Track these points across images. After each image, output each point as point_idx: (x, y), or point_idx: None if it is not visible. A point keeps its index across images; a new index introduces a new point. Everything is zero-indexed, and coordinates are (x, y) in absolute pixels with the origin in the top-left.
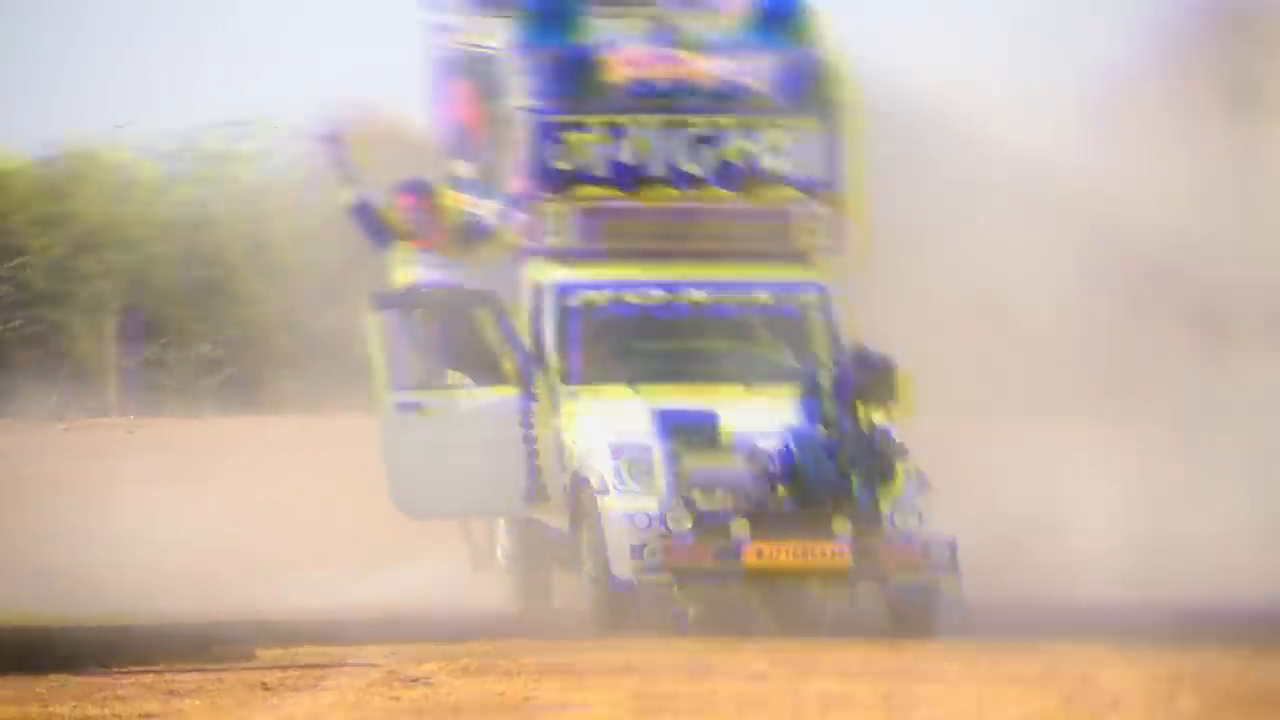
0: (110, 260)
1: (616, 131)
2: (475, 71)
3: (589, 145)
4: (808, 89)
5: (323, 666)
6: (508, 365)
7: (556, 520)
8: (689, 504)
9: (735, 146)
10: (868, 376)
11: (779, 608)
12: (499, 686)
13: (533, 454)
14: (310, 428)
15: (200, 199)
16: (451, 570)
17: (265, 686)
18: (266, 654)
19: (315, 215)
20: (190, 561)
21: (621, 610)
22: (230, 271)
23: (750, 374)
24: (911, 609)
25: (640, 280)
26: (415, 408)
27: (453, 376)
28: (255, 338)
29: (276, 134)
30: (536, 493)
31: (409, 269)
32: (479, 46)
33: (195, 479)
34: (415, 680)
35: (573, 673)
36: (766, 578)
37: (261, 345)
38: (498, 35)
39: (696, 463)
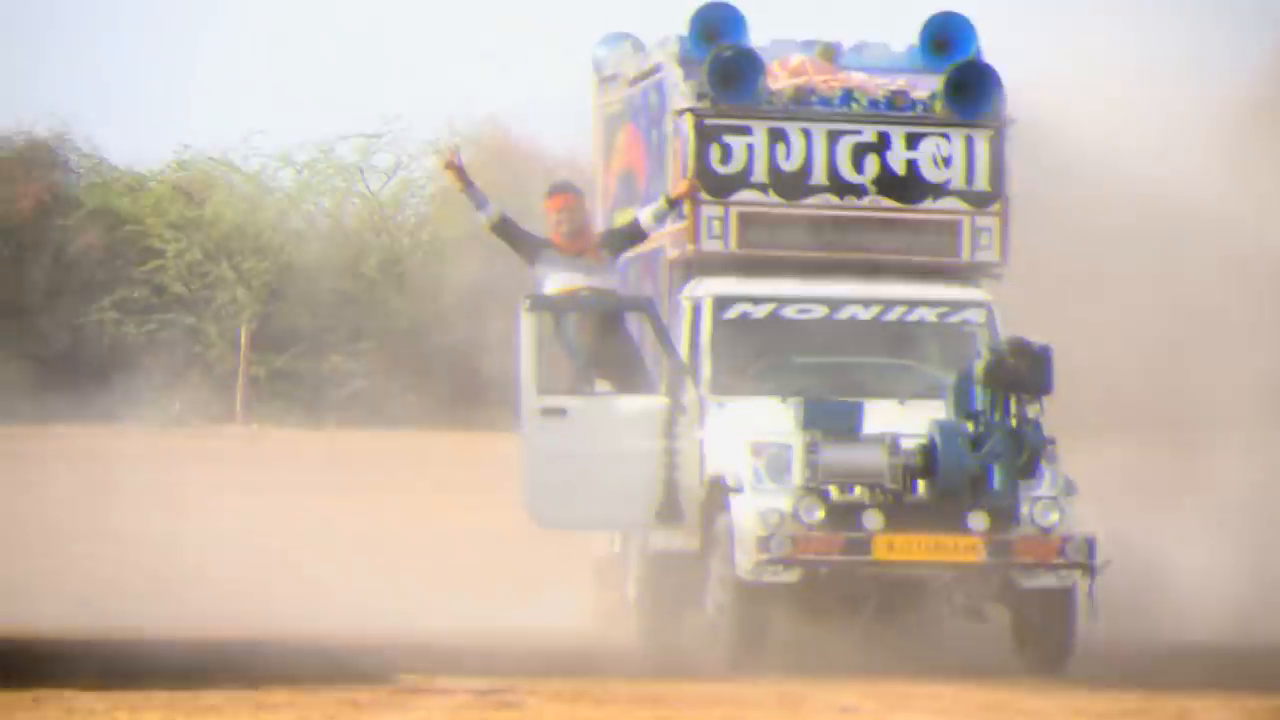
0: (244, 268)
1: (778, 137)
2: (640, 110)
3: (750, 150)
4: (973, 101)
5: (418, 688)
6: (658, 373)
7: (688, 542)
8: (822, 495)
9: (899, 156)
10: (1023, 365)
11: (897, 615)
12: (589, 713)
13: (674, 466)
14: (433, 443)
15: (334, 209)
16: (577, 600)
17: (355, 704)
18: (363, 671)
19: (450, 229)
20: (297, 574)
21: (749, 617)
22: (363, 283)
23: (906, 389)
24: (1043, 615)
25: (800, 294)
26: (559, 412)
27: (602, 384)
28: (385, 351)
29: (411, 147)
30: (673, 508)
31: (556, 277)
32: (644, 78)
33: (311, 491)
34: (505, 704)
35: (664, 702)
36: (897, 570)
37: (391, 358)
38: (663, 54)
39: (834, 454)
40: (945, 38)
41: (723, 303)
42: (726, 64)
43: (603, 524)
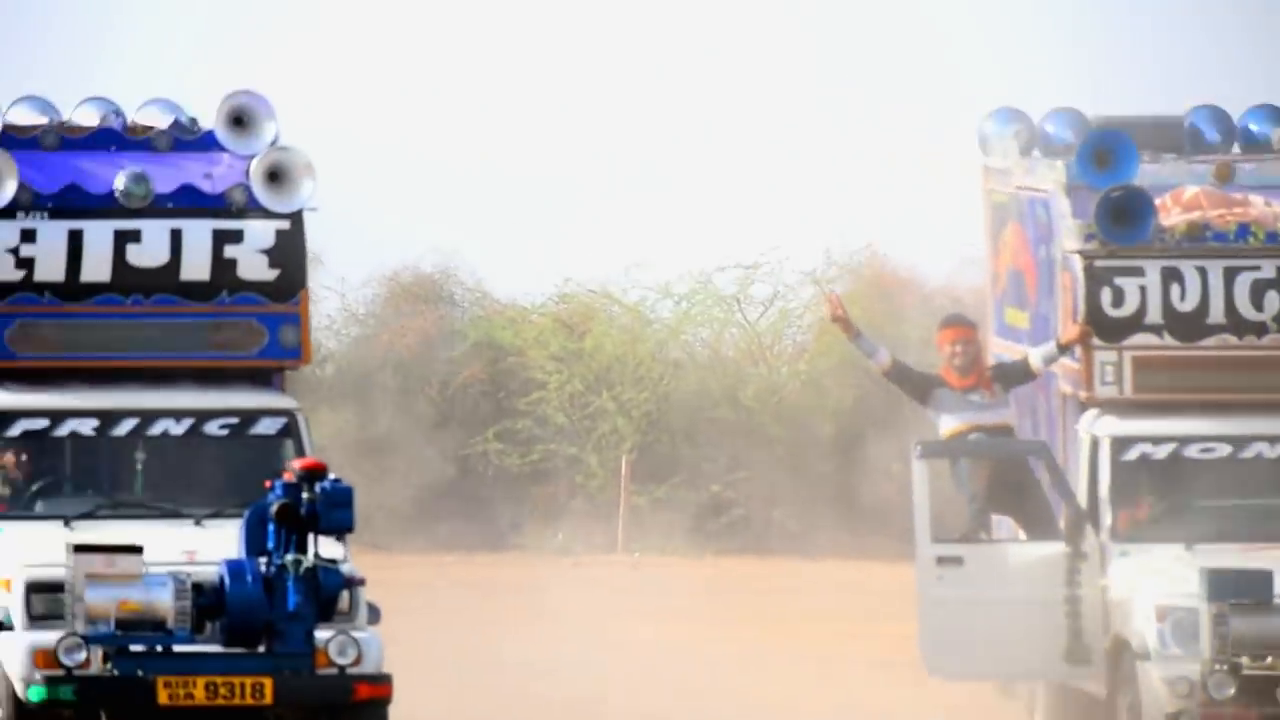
0: (624, 398)
1: (1173, 276)
2: (1027, 216)
3: (1144, 292)
4: None
5: None
6: (1057, 519)
7: (1095, 685)
8: (1234, 668)
9: None
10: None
11: None
12: None
13: (1077, 614)
14: (812, 571)
15: (713, 340)
16: None
17: None
18: None
19: (827, 359)
20: (690, 706)
21: None
22: (742, 413)
23: None
24: None
25: (1202, 432)
26: (955, 561)
27: (997, 528)
28: (764, 479)
29: (789, 277)
30: (1078, 654)
31: (949, 416)
32: (1031, 190)
33: (693, 619)
34: None
35: None
36: None
37: (770, 487)
38: (1050, 178)
39: (1245, 625)
40: None
41: (1122, 444)
42: (1117, 204)
43: (1004, 673)
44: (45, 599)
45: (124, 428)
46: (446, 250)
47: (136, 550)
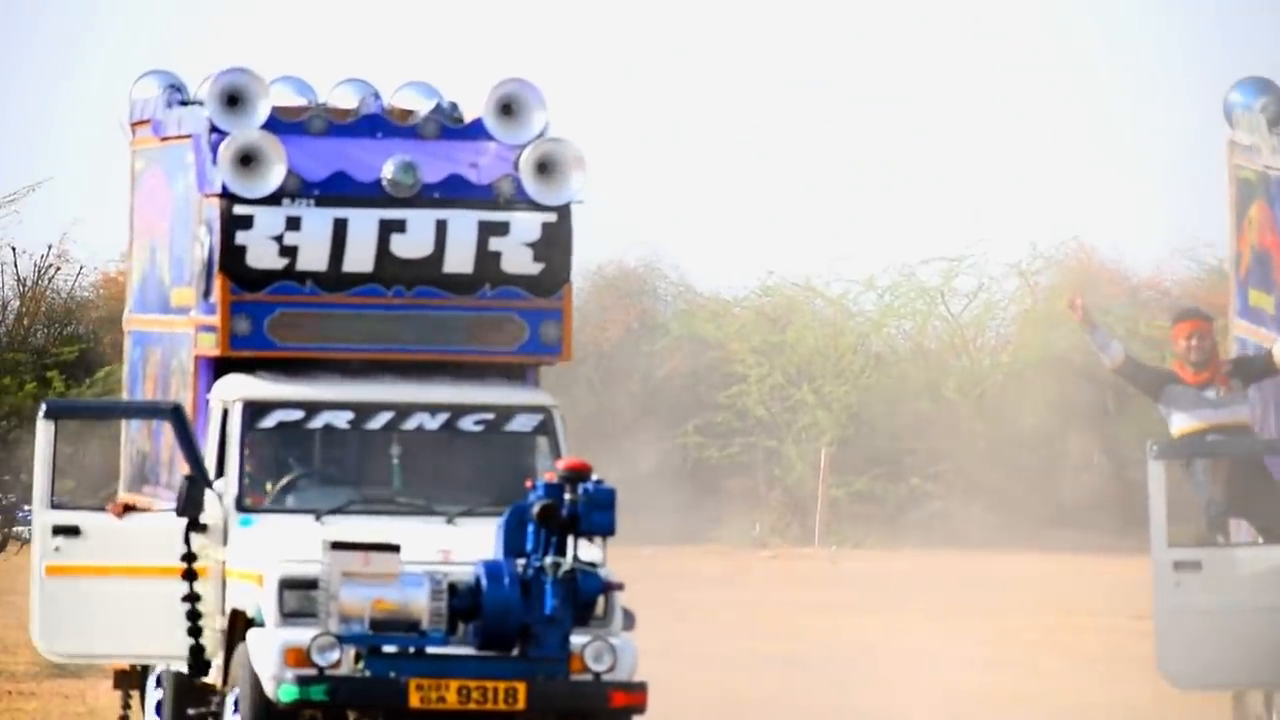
0: (825, 391)
1: None
2: (1276, 196)
3: None
4: None
5: None
6: None
7: None
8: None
9: None
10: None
11: None
12: None
13: None
14: (1012, 565)
15: (915, 333)
16: None
17: None
18: None
19: (1031, 351)
20: (876, 698)
21: None
22: (943, 405)
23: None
24: None
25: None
26: (1193, 566)
27: (1236, 533)
28: (964, 472)
29: (994, 269)
30: None
31: (1183, 414)
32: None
33: (888, 612)
34: None
35: None
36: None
37: (970, 480)
38: None
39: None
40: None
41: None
42: None
43: (1241, 683)
44: (298, 596)
45: (379, 421)
46: (652, 244)
47: (393, 549)
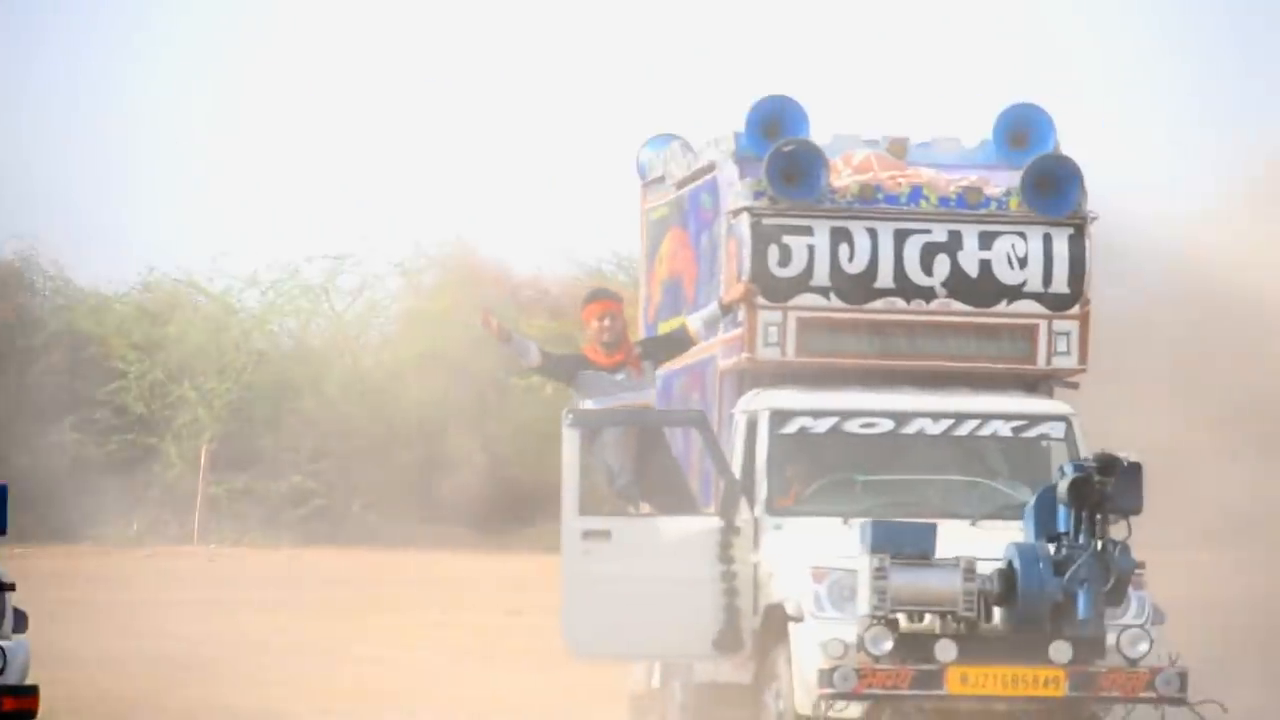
0: (207, 388)
1: (842, 236)
2: (689, 213)
3: (811, 251)
4: (1053, 197)
5: None
6: (710, 492)
7: (739, 674)
8: (890, 624)
9: (972, 256)
10: (1112, 482)
11: None
12: None
13: (732, 591)
14: (393, 562)
15: (299, 330)
16: None
17: None
18: None
19: (411, 346)
20: (254, 696)
21: None
22: (325, 403)
23: (978, 508)
24: None
25: (864, 408)
26: (603, 535)
27: (649, 503)
28: (346, 470)
29: (377, 267)
30: (729, 637)
31: (595, 398)
32: (694, 179)
33: (268, 610)
34: None
35: None
36: (972, 705)
37: (351, 478)
38: (717, 151)
39: (905, 578)
40: (1022, 131)
41: (781, 416)
42: (787, 159)
43: (649, 654)
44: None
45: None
46: (28, 237)
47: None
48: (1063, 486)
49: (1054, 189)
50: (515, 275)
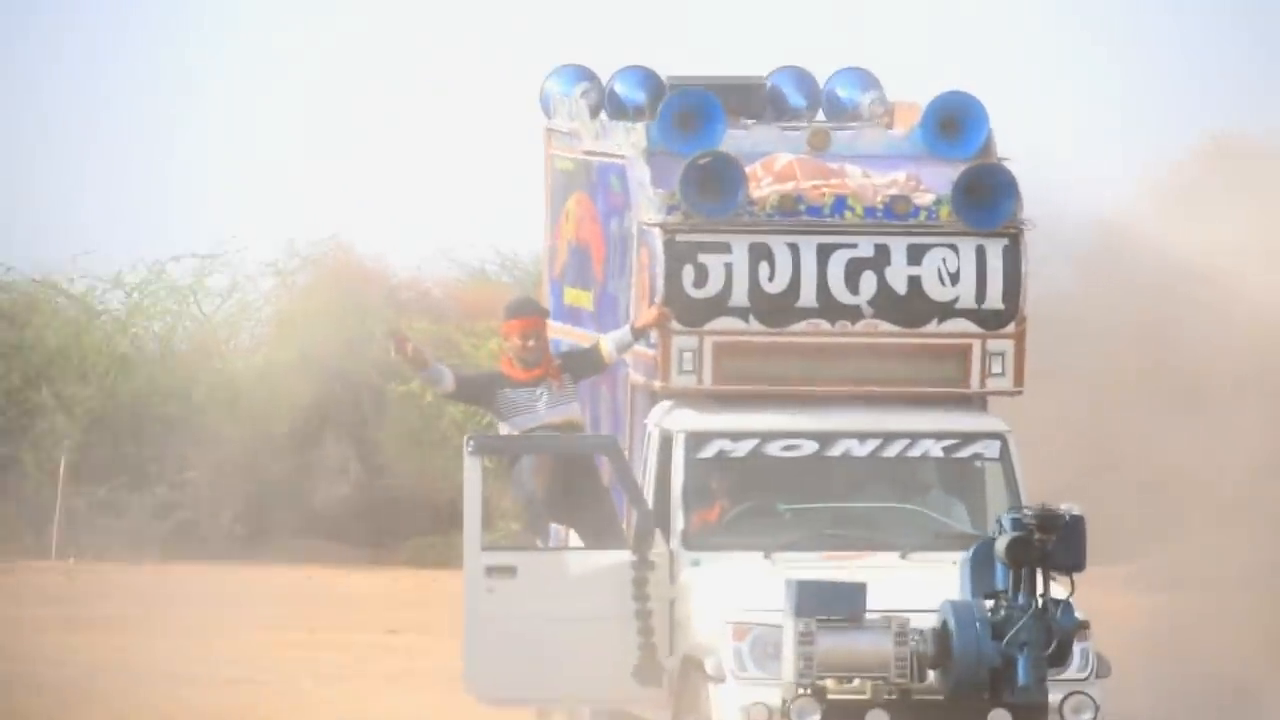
0: (66, 394)
1: (762, 253)
2: (597, 185)
3: (729, 270)
4: (986, 207)
5: None
6: (622, 527)
7: (658, 713)
8: (818, 693)
9: (901, 272)
10: (1052, 538)
11: None
12: None
13: (648, 630)
14: (264, 577)
15: (165, 333)
16: None
17: None
18: None
19: (285, 351)
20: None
21: None
22: (193, 410)
23: (911, 540)
24: None
25: (787, 430)
26: (508, 571)
27: (559, 535)
28: (214, 481)
29: (248, 268)
30: (648, 674)
31: (516, 418)
32: (603, 156)
33: (127, 630)
34: None
35: None
36: None
37: (220, 489)
38: (627, 142)
39: (833, 643)
40: (953, 119)
41: (698, 439)
42: (704, 172)
43: (559, 699)
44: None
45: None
46: None
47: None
48: (1000, 545)
49: (987, 198)
50: (394, 275)
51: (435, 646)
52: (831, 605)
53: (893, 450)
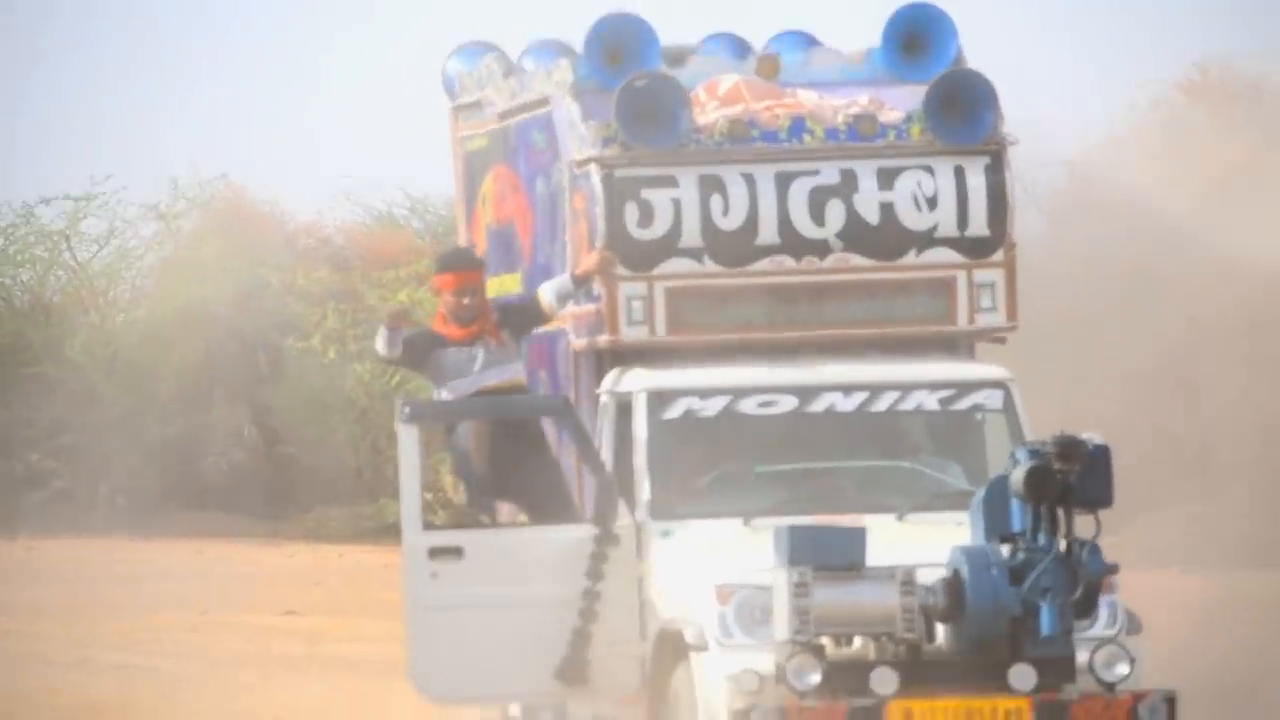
0: None
1: (713, 186)
2: (518, 150)
3: (677, 206)
4: (963, 121)
5: None
6: (573, 501)
7: (627, 712)
8: (816, 651)
9: (871, 199)
10: (1075, 471)
11: None
12: None
13: (589, 614)
14: (146, 553)
15: (34, 284)
16: None
17: None
18: None
19: (171, 301)
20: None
21: None
22: (69, 369)
23: (908, 501)
24: None
25: (762, 384)
26: (454, 552)
27: (507, 510)
28: (92, 448)
29: (128, 211)
30: (577, 666)
31: (455, 378)
32: (523, 113)
33: (3, 612)
34: None
35: None
36: None
37: (99, 457)
38: (551, 82)
39: (832, 595)
40: (916, 36)
41: (661, 398)
42: (641, 97)
43: (513, 695)
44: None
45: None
46: None
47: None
48: (1017, 477)
49: (964, 111)
50: (291, 220)
51: (338, 629)
52: (828, 551)
53: (882, 404)
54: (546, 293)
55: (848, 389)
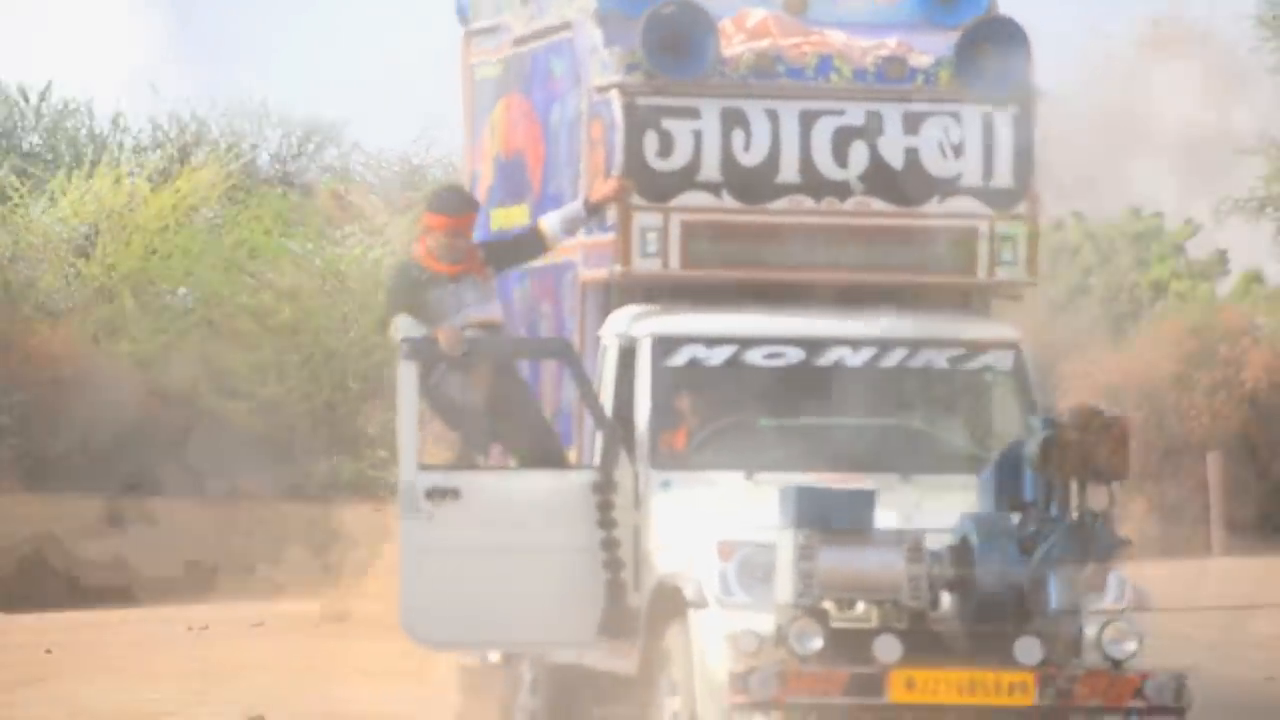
0: None
1: (736, 120)
2: (533, 78)
3: (698, 138)
4: (993, 70)
5: None
6: (559, 448)
7: (616, 661)
8: (819, 616)
9: (896, 142)
10: (1092, 442)
11: None
12: None
13: (615, 563)
14: (97, 512)
15: None
16: None
17: None
18: None
19: (135, 246)
20: None
21: None
22: (18, 320)
23: (911, 461)
24: None
25: (770, 335)
26: (450, 494)
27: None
28: (49, 402)
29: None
30: (621, 619)
31: (444, 315)
32: (541, 38)
33: None
34: None
35: None
36: (919, 716)
37: (56, 412)
38: (574, 7)
39: (837, 559)
40: None
41: (667, 344)
42: (667, 24)
43: (511, 643)
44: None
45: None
46: None
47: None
48: (1032, 447)
49: (995, 60)
50: None
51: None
52: (834, 513)
53: (891, 360)
54: (551, 222)
55: (856, 344)
